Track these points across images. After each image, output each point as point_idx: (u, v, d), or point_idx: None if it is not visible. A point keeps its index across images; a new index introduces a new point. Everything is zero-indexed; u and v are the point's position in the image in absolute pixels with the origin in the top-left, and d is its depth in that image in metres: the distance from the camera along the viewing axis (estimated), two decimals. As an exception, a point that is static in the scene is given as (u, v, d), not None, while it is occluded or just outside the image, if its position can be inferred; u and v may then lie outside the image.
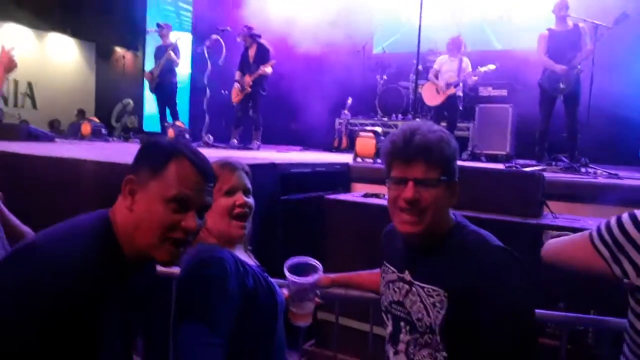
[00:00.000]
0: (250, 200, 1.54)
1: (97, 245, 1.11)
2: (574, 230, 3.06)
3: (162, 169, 1.15)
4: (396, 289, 1.46)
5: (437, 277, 1.34)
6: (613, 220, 1.38)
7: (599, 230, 1.40)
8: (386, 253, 1.58)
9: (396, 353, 1.44)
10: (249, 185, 1.56)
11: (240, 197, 1.50)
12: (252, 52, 7.30)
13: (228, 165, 1.54)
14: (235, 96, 7.34)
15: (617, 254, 1.35)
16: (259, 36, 7.30)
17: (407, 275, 1.43)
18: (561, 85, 5.62)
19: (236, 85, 7.30)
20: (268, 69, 7.14)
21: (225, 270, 1.36)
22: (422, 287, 1.36)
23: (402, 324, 1.43)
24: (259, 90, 7.23)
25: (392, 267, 1.51)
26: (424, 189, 1.33)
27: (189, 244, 1.20)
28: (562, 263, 1.51)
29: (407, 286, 1.42)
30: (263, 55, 7.22)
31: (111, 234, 1.14)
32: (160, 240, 1.14)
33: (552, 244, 1.57)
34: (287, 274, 1.57)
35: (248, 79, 7.16)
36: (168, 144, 1.22)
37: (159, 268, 1.68)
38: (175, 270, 2.26)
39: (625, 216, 1.36)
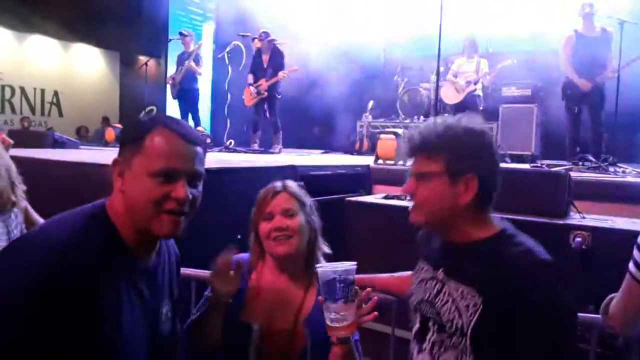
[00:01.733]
0: (294, 221, 1.61)
1: (89, 228, 1.09)
2: (602, 230, 2.98)
3: (142, 142, 1.12)
4: (427, 288, 1.42)
5: (475, 279, 1.28)
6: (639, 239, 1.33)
7: (634, 260, 1.34)
8: (421, 250, 1.54)
9: (420, 351, 1.40)
10: (292, 206, 1.63)
11: (276, 221, 1.60)
12: (266, 55, 7.26)
13: (271, 189, 1.65)
14: (249, 100, 7.30)
15: None
16: (275, 41, 7.29)
17: (440, 274, 1.39)
18: (580, 100, 5.51)
19: (251, 88, 7.24)
20: (285, 75, 7.10)
21: None
22: (457, 288, 1.31)
23: (430, 323, 1.38)
24: (274, 94, 7.20)
25: (426, 265, 1.47)
26: (422, 183, 1.33)
27: (187, 214, 1.16)
28: (629, 322, 1.43)
29: (439, 285, 1.38)
30: (278, 60, 7.20)
31: (104, 218, 1.12)
32: (155, 214, 1.11)
33: (613, 310, 1.46)
34: (317, 269, 1.43)
35: (264, 83, 7.14)
36: (145, 118, 1.20)
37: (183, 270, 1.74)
38: (196, 271, 2.28)
39: None
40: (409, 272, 1.89)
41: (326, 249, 1.71)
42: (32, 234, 1.11)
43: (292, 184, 1.70)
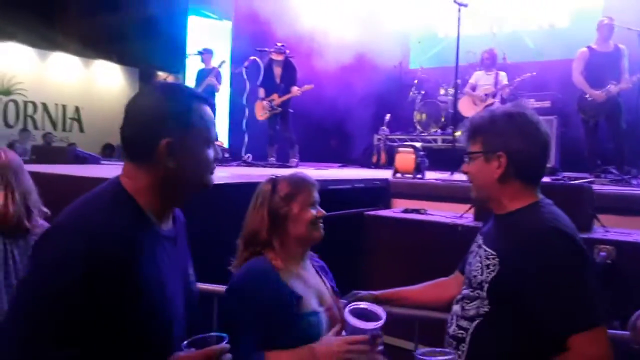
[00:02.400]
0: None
1: (114, 205, 1.17)
2: (627, 244, 2.93)
3: (191, 120, 1.24)
4: (473, 254, 1.63)
5: (497, 243, 1.50)
6: None
7: None
8: (482, 228, 1.73)
9: (456, 302, 1.63)
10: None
11: (320, 210, 1.72)
12: (278, 69, 7.24)
13: (311, 181, 1.75)
14: (261, 114, 7.29)
15: None
16: (291, 55, 7.33)
17: (480, 241, 1.61)
18: (596, 111, 5.47)
19: (264, 103, 7.21)
20: (300, 92, 7.09)
21: (251, 290, 1.56)
22: (485, 250, 1.53)
23: (467, 281, 1.61)
24: (287, 109, 7.21)
25: (478, 236, 1.68)
26: (469, 163, 1.59)
27: None
28: None
29: (477, 249, 1.60)
30: (291, 74, 7.20)
31: (125, 194, 1.20)
32: (210, 174, 1.30)
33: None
34: (346, 316, 1.50)
35: (277, 99, 7.13)
36: (179, 95, 1.28)
37: (202, 286, 1.89)
38: (218, 287, 2.27)
39: None
40: (431, 282, 1.90)
41: None
42: (62, 223, 1.14)
43: None
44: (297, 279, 1.64)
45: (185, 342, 1.17)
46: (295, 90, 7.06)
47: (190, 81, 9.05)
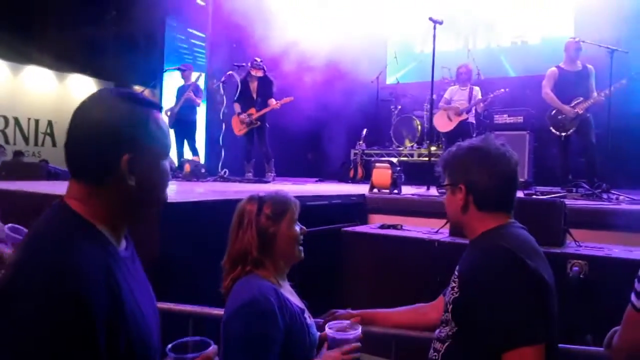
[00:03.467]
0: None
1: (72, 232, 1.04)
2: (599, 259, 2.98)
3: (150, 130, 1.14)
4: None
5: (460, 268, 1.60)
6: None
7: (636, 292, 1.35)
8: None
9: (438, 327, 1.69)
10: None
11: (303, 228, 1.78)
12: (254, 84, 7.26)
13: (294, 199, 1.79)
14: (240, 129, 7.29)
15: None
16: (267, 69, 7.34)
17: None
18: (566, 126, 5.60)
19: (242, 117, 7.21)
20: (279, 105, 7.09)
21: (273, 305, 1.56)
22: (454, 281, 1.60)
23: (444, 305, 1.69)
24: (264, 123, 7.21)
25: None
26: (445, 195, 1.73)
27: None
28: (634, 354, 1.43)
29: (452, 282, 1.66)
30: (268, 88, 7.21)
31: (77, 217, 1.08)
32: (165, 189, 1.22)
33: (617, 343, 1.47)
34: (329, 332, 1.66)
35: (255, 113, 7.13)
36: (142, 104, 1.16)
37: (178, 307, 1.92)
38: (194, 307, 2.24)
39: None
40: (410, 307, 1.92)
41: None
42: (18, 262, 1.00)
43: None
44: (289, 294, 1.69)
45: (168, 347, 1.16)
46: (273, 103, 7.06)
47: (169, 96, 9.00)
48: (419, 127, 8.19)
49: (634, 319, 1.36)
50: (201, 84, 8.45)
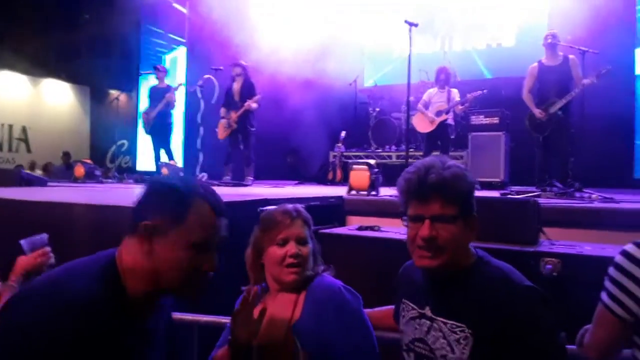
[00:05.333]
0: (306, 248, 1.64)
1: (100, 284, 1.09)
2: (572, 257, 3.03)
3: (185, 216, 1.15)
4: (417, 326, 1.45)
5: (461, 313, 1.34)
6: (610, 268, 1.38)
7: (606, 290, 1.38)
8: (405, 290, 1.57)
9: None
10: (305, 234, 1.65)
11: (291, 248, 1.60)
12: (237, 87, 7.26)
13: (287, 214, 1.64)
14: (222, 133, 7.28)
15: (620, 298, 1.33)
16: (249, 71, 7.34)
17: (427, 311, 1.43)
18: (544, 127, 5.68)
19: (222, 121, 7.24)
20: (254, 104, 7.08)
21: None
22: (445, 323, 1.36)
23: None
24: (247, 126, 7.20)
25: (411, 304, 1.50)
26: (441, 226, 1.35)
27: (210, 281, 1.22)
28: (605, 352, 1.45)
29: (428, 322, 1.42)
30: (248, 90, 7.20)
31: (114, 274, 1.14)
32: (186, 282, 1.17)
33: (589, 341, 1.49)
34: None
35: (234, 116, 7.14)
36: (185, 188, 1.19)
37: (182, 315, 1.90)
38: (198, 316, 2.22)
39: (617, 256, 1.36)
40: (387, 307, 1.89)
41: (322, 267, 1.75)
42: (44, 287, 1.09)
43: (303, 209, 1.72)
44: (268, 306, 1.64)
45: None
46: (247, 104, 7.05)
47: (143, 98, 8.93)
48: (398, 129, 8.25)
49: (605, 317, 1.38)
50: (180, 91, 8.39)
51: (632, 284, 1.31)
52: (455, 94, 6.94)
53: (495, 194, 5.07)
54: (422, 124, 7.05)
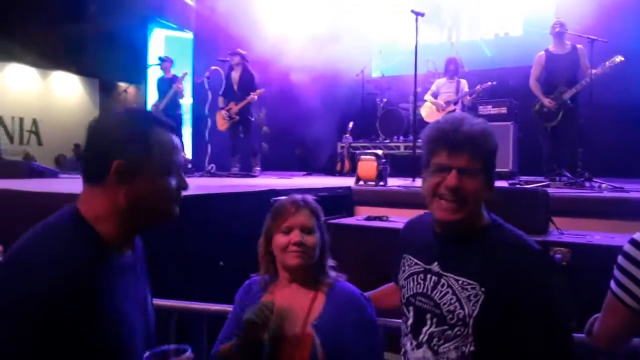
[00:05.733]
0: (310, 238, 1.65)
1: (73, 235, 1.12)
2: (581, 246, 3.02)
3: (151, 144, 1.19)
4: (421, 281, 1.45)
5: (474, 270, 1.33)
6: (619, 257, 1.37)
7: (615, 279, 1.38)
8: (408, 246, 1.57)
9: (418, 346, 1.42)
10: (312, 223, 1.67)
11: (295, 236, 1.62)
12: (235, 76, 7.25)
13: (294, 204, 1.68)
14: (221, 124, 7.29)
15: (629, 287, 1.33)
16: (248, 61, 7.33)
17: (435, 267, 1.42)
18: (552, 117, 5.64)
19: (223, 112, 7.24)
20: (255, 97, 7.09)
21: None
22: (457, 280, 1.35)
23: (427, 316, 1.41)
24: (247, 117, 7.20)
25: (416, 259, 1.50)
26: (467, 178, 1.33)
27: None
28: (614, 340, 1.47)
29: (435, 278, 1.41)
30: (248, 80, 7.19)
31: (83, 222, 1.16)
32: (174, 205, 1.24)
33: (598, 330, 1.49)
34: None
35: (234, 107, 7.13)
36: (139, 120, 1.23)
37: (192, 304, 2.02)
38: (178, 303, 2.25)
39: (626, 245, 1.36)
40: (387, 285, 1.90)
41: (331, 262, 1.77)
42: (16, 255, 1.10)
43: (311, 200, 1.74)
44: (280, 299, 1.65)
45: (146, 354, 1.15)
46: (250, 96, 7.05)
47: (151, 91, 8.95)
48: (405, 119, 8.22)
49: (614, 306, 1.38)
50: (186, 81, 8.40)
51: None
52: (464, 84, 6.91)
53: (504, 183, 5.05)
54: (431, 115, 7.03)
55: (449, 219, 1.35)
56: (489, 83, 6.63)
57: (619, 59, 5.24)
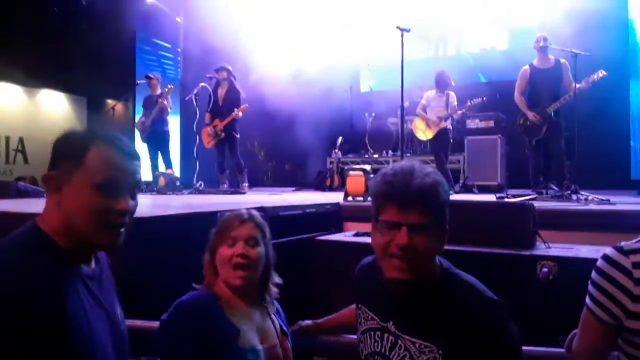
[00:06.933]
0: (254, 250, 1.63)
1: (27, 245, 1.12)
2: (567, 259, 3.03)
3: (84, 157, 1.16)
4: (378, 339, 1.40)
5: (430, 332, 1.29)
6: (593, 273, 1.38)
7: (590, 295, 1.39)
8: (361, 295, 1.52)
9: None
10: (256, 235, 1.66)
11: (239, 248, 1.61)
12: (222, 93, 7.26)
13: (238, 217, 1.67)
14: (207, 142, 7.30)
15: (603, 302, 1.34)
16: (234, 77, 7.35)
17: (391, 327, 1.37)
18: (536, 131, 5.70)
19: (208, 129, 7.25)
20: (240, 113, 7.11)
21: (179, 314, 1.53)
22: (414, 342, 1.31)
23: None
24: (232, 133, 7.20)
25: (371, 313, 1.45)
26: (417, 235, 1.26)
27: (126, 225, 1.21)
28: (592, 356, 1.46)
29: (392, 338, 1.36)
30: (233, 98, 7.20)
31: (39, 233, 1.15)
32: (97, 227, 1.15)
33: (576, 346, 1.49)
34: None
35: (219, 124, 7.14)
36: (83, 132, 1.24)
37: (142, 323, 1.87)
38: (143, 322, 2.20)
39: (599, 260, 1.37)
40: (345, 310, 1.88)
41: (277, 279, 1.77)
42: None
43: (257, 214, 1.73)
44: (241, 315, 1.63)
45: None
46: (234, 113, 7.05)
47: (139, 109, 8.92)
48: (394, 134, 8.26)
49: (590, 322, 1.39)
50: (172, 94, 8.38)
51: (614, 288, 1.31)
52: (453, 98, 6.93)
53: (491, 197, 5.07)
54: (422, 130, 7.01)
55: (399, 278, 1.29)
56: (480, 99, 6.68)
57: (601, 73, 5.31)
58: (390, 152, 8.28)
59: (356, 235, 4.02)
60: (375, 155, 8.34)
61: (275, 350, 1.64)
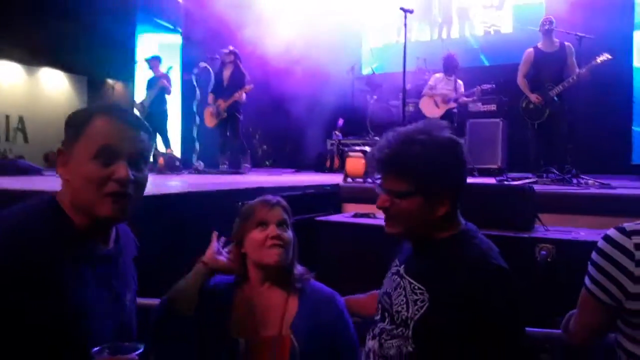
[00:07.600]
0: (288, 233, 1.64)
1: (39, 213, 1.13)
2: (566, 242, 3.03)
3: (83, 129, 1.15)
4: (390, 281, 1.48)
5: (425, 277, 1.34)
6: (593, 253, 1.37)
7: (589, 275, 1.38)
8: (398, 249, 1.60)
9: (373, 338, 1.46)
10: (286, 219, 1.66)
11: (272, 230, 1.60)
12: (226, 74, 7.21)
13: (266, 202, 1.67)
14: (209, 121, 7.26)
15: (603, 283, 1.33)
16: (240, 60, 7.29)
17: (401, 270, 1.45)
18: (538, 114, 5.65)
19: (210, 109, 7.21)
20: (244, 95, 7.07)
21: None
22: (410, 283, 1.37)
23: (386, 314, 1.44)
24: (235, 114, 7.16)
25: (397, 261, 1.52)
26: (394, 199, 1.37)
27: (131, 196, 1.17)
28: (589, 337, 1.47)
29: (398, 279, 1.43)
30: (238, 79, 7.14)
31: (54, 205, 1.16)
32: (97, 197, 1.13)
33: (573, 326, 1.49)
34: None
35: (222, 104, 7.10)
36: (86, 107, 1.25)
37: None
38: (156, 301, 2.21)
39: (600, 241, 1.36)
40: (373, 292, 1.89)
41: (300, 269, 1.75)
42: None
43: (283, 200, 1.73)
44: (254, 300, 1.63)
45: (96, 348, 1.04)
46: (237, 94, 7.01)
47: (140, 88, 8.88)
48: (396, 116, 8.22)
49: (588, 302, 1.38)
50: (173, 75, 8.33)
51: (614, 269, 1.31)
52: (460, 85, 6.93)
53: (491, 180, 5.06)
54: (430, 109, 7.01)
55: (387, 232, 1.43)
56: (489, 86, 6.67)
57: (606, 56, 5.25)
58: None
59: (355, 216, 4.03)
60: (376, 138, 8.29)
61: (259, 336, 1.60)
